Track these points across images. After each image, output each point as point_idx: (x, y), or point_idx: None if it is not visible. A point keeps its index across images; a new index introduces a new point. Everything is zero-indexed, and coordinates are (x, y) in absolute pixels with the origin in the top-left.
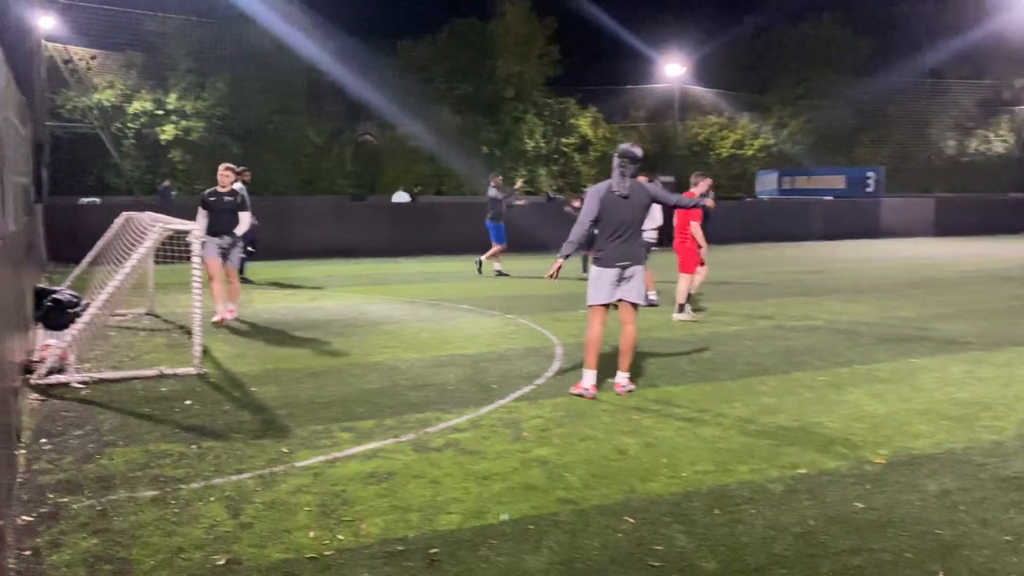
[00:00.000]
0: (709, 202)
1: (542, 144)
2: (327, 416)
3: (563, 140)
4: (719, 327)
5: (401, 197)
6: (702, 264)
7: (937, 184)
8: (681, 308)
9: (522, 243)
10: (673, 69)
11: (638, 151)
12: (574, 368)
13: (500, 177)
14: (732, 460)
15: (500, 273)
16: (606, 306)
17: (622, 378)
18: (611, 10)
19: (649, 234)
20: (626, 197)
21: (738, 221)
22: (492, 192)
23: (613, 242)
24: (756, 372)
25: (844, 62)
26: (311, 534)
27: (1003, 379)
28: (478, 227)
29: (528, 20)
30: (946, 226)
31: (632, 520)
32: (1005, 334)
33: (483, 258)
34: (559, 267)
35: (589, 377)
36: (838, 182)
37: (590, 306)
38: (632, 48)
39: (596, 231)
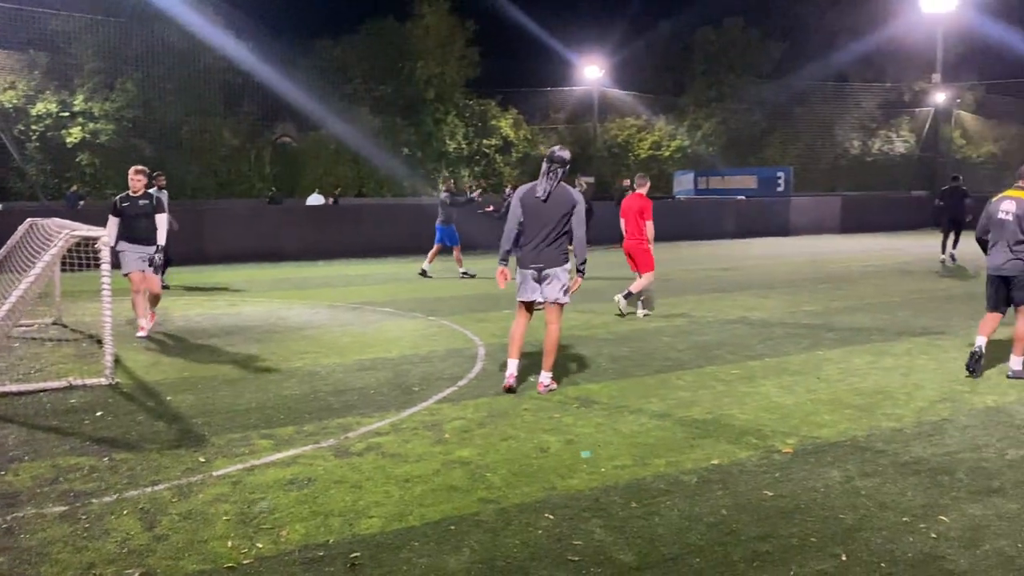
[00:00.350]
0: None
1: (464, 145)
2: (245, 424)
3: (485, 141)
4: (639, 324)
5: (316, 200)
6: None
7: (843, 183)
8: (628, 295)
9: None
10: (592, 72)
11: (566, 154)
12: (498, 369)
13: (452, 181)
14: (649, 454)
15: (424, 273)
16: (530, 305)
17: (544, 377)
18: (530, 12)
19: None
20: (545, 201)
21: (656, 220)
22: (444, 196)
23: (528, 245)
24: (673, 367)
25: (754, 66)
26: (229, 543)
27: (903, 368)
28: (400, 229)
29: (447, 22)
30: (851, 223)
31: (552, 516)
32: (905, 325)
33: (426, 265)
34: (501, 272)
35: (509, 366)
36: (750, 182)
37: (519, 301)
38: (552, 51)
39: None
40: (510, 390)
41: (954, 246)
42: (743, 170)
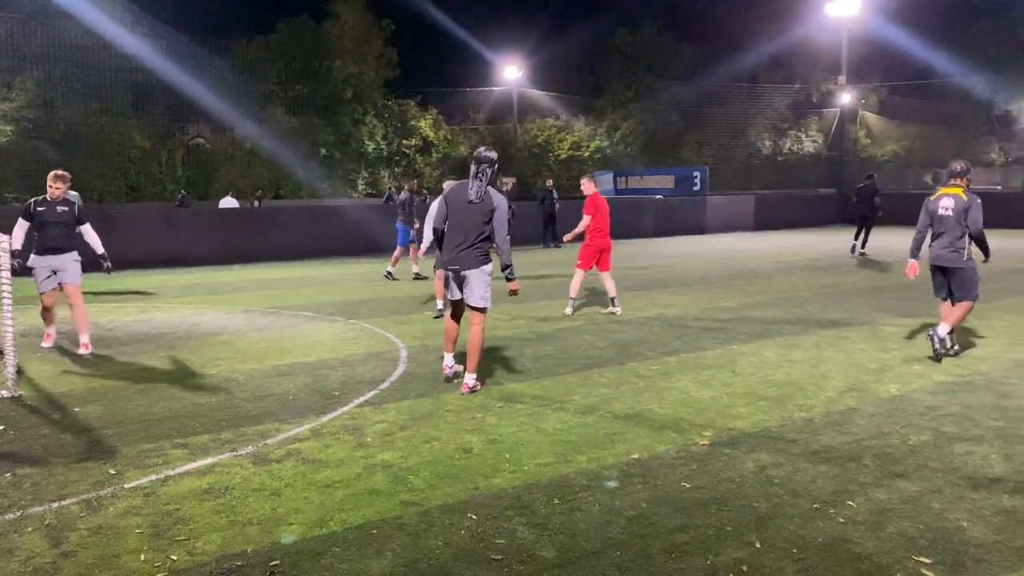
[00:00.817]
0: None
1: (383, 146)
2: (158, 433)
3: (404, 141)
4: (561, 323)
5: (229, 203)
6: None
7: (756, 182)
8: (613, 301)
9: (362, 245)
10: (511, 72)
11: (492, 154)
12: (421, 371)
13: (415, 182)
14: (571, 451)
15: (418, 276)
16: (458, 303)
17: (469, 379)
18: (449, 13)
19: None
20: (471, 202)
21: (578, 220)
22: (404, 196)
23: (448, 246)
24: (594, 365)
25: (670, 68)
26: (142, 557)
27: (812, 360)
28: (318, 231)
29: (364, 21)
30: (764, 221)
31: (475, 516)
32: (814, 319)
33: (390, 268)
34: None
35: (446, 359)
36: (667, 182)
37: (449, 300)
38: (471, 51)
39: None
40: (448, 380)
41: (863, 243)
42: (661, 170)
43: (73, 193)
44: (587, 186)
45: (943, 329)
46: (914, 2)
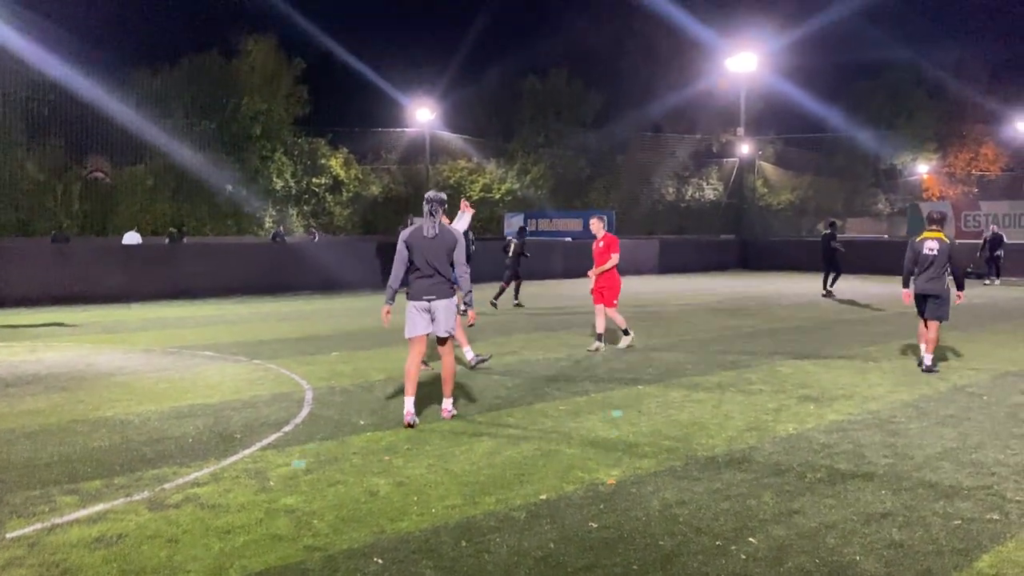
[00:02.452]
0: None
1: (292, 184)
2: (46, 479)
3: (314, 180)
4: (469, 364)
5: (133, 238)
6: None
7: (660, 227)
8: (626, 332)
9: (266, 284)
10: (423, 114)
11: (442, 195)
12: (326, 413)
13: (411, 217)
14: (479, 492)
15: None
16: (421, 339)
17: (448, 404)
18: (360, 54)
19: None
20: (430, 238)
21: (489, 262)
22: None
23: (420, 279)
24: (503, 405)
25: (578, 114)
26: None
27: (714, 400)
28: (223, 269)
29: (275, 59)
30: (669, 264)
31: (381, 560)
32: (716, 360)
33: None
34: (388, 311)
35: (407, 404)
36: (576, 224)
37: (408, 338)
38: (383, 92)
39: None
40: (410, 427)
41: (831, 283)
42: (570, 213)
43: None
44: (597, 226)
45: (928, 358)
46: (806, 61)
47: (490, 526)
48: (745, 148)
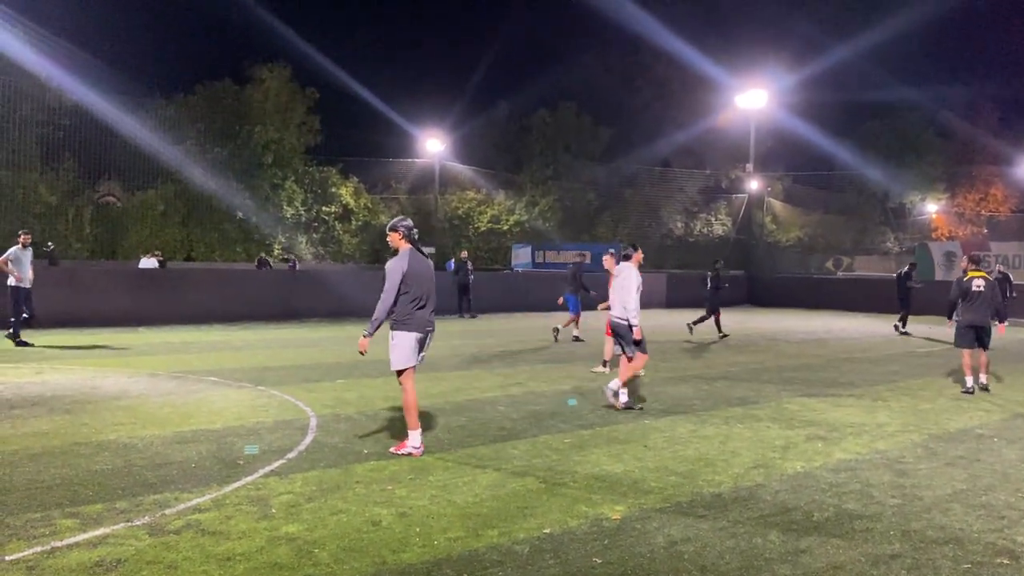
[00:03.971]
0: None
1: (302, 212)
2: (47, 502)
3: (324, 208)
4: (475, 394)
5: (149, 263)
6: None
7: (668, 260)
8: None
9: (273, 311)
10: (433, 145)
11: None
12: (330, 440)
13: (587, 255)
14: (482, 525)
15: (577, 338)
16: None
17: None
18: (373, 85)
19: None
20: (427, 267)
21: (497, 291)
22: (572, 268)
23: (424, 308)
24: (508, 437)
25: (587, 149)
26: None
27: (721, 437)
28: (229, 295)
29: (288, 88)
30: (676, 298)
31: None
32: (723, 396)
33: (575, 332)
34: (367, 341)
35: (415, 437)
36: (584, 257)
37: (401, 371)
38: (393, 123)
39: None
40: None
41: (904, 324)
42: (578, 245)
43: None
44: (610, 262)
45: (971, 380)
46: (815, 99)
47: (492, 560)
48: (754, 184)
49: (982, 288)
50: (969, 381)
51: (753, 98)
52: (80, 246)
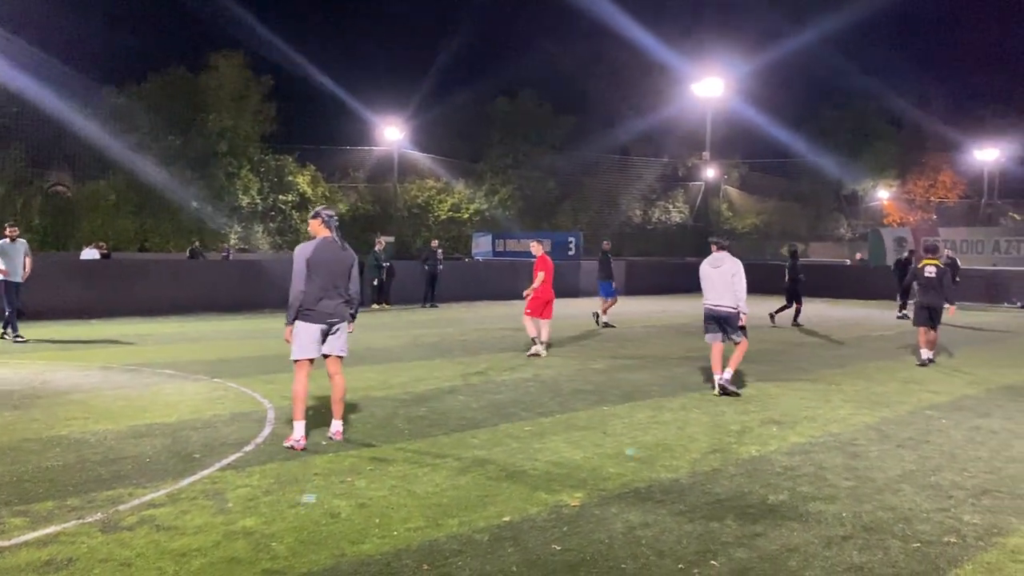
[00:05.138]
0: None
1: (258, 200)
2: None
3: (281, 197)
4: (435, 383)
5: (90, 254)
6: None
7: (627, 248)
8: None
9: (229, 301)
10: (392, 133)
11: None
12: (289, 432)
13: (608, 243)
14: (442, 514)
15: (608, 324)
16: (311, 360)
17: (337, 425)
18: (330, 72)
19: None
20: (340, 255)
21: (458, 280)
22: (602, 256)
23: (325, 298)
24: (468, 426)
25: (547, 137)
26: None
27: (679, 422)
28: (184, 286)
29: (242, 76)
30: (635, 286)
31: None
32: (681, 382)
33: (603, 317)
34: (291, 331)
35: (299, 428)
36: (545, 246)
37: (296, 360)
38: (351, 110)
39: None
40: (304, 449)
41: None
42: (538, 234)
43: None
44: (536, 248)
45: (925, 353)
46: (771, 88)
47: (453, 549)
48: (711, 172)
49: (933, 275)
50: (924, 354)
51: (710, 86)
52: (29, 236)
